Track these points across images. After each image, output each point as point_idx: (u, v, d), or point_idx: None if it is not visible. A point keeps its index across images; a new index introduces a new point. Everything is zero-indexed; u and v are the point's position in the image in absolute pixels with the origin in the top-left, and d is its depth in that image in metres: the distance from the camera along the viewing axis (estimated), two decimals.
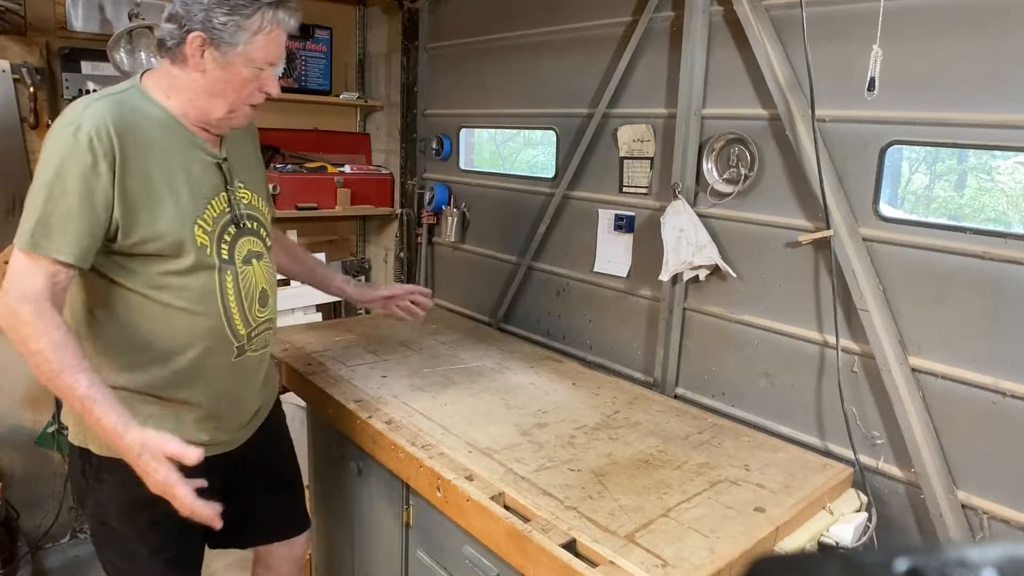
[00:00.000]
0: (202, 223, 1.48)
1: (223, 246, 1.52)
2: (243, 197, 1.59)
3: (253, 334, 1.61)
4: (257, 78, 1.45)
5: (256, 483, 1.77)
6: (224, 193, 1.53)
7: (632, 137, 2.35)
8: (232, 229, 1.54)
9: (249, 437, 1.71)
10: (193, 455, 1.26)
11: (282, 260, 1.98)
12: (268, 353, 1.71)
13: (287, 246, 2.05)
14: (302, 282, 2.17)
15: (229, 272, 1.53)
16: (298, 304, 3.40)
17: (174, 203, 1.43)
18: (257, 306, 1.60)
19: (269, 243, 1.67)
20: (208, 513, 1.29)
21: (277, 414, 1.87)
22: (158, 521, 1.52)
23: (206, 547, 1.74)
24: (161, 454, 1.26)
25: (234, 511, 1.61)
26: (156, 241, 1.41)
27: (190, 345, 1.49)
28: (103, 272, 1.42)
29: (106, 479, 1.51)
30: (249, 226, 1.59)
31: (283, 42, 1.47)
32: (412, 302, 2.11)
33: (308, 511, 2.01)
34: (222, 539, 1.72)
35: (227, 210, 1.54)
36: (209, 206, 1.50)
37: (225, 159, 1.55)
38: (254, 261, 1.59)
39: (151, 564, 1.58)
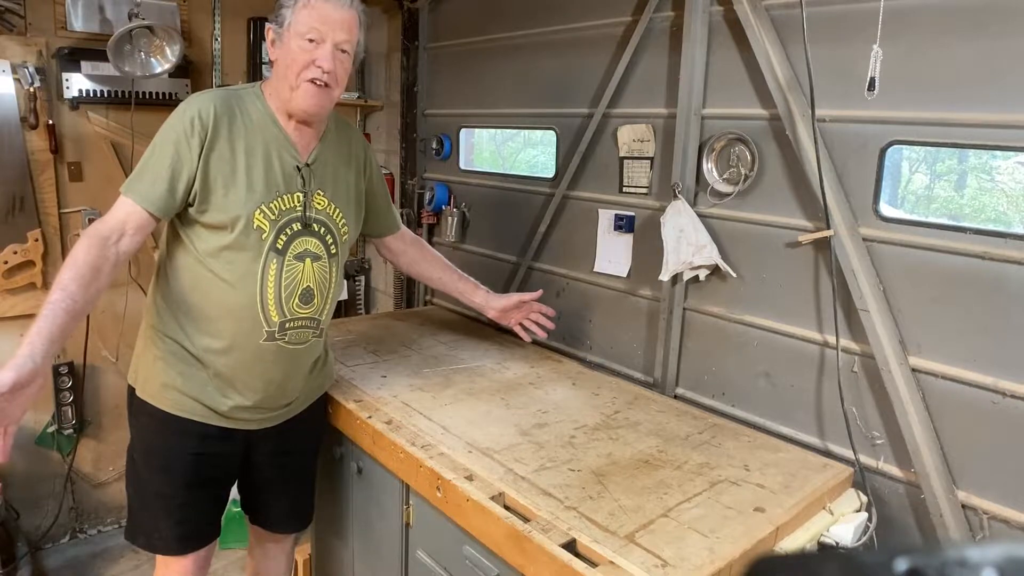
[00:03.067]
0: (266, 210, 1.62)
1: (281, 236, 1.65)
2: (318, 203, 1.72)
3: (288, 325, 1.70)
4: (308, 52, 1.59)
5: (276, 470, 1.90)
6: (299, 193, 1.68)
7: (632, 137, 2.35)
8: (296, 226, 1.68)
9: (279, 424, 1.81)
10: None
11: (425, 269, 2.23)
12: (312, 350, 1.80)
13: (431, 257, 2.25)
14: (447, 292, 2.29)
15: (275, 261, 1.65)
16: None
17: (247, 185, 1.61)
18: (297, 300, 1.70)
19: (334, 251, 1.77)
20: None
21: (316, 412, 1.95)
22: (167, 467, 1.71)
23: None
24: (8, 385, 1.21)
25: (253, 484, 1.93)
26: (220, 213, 1.59)
27: (222, 316, 1.64)
28: (177, 231, 1.65)
29: (139, 418, 1.73)
30: (316, 229, 1.72)
31: (328, 15, 1.59)
32: (537, 320, 2.27)
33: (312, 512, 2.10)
34: (245, 504, 1.99)
35: (298, 207, 1.68)
36: (280, 199, 1.65)
37: (307, 165, 1.70)
38: (308, 260, 1.71)
39: (155, 505, 1.74)
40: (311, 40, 1.59)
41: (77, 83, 2.62)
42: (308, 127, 1.70)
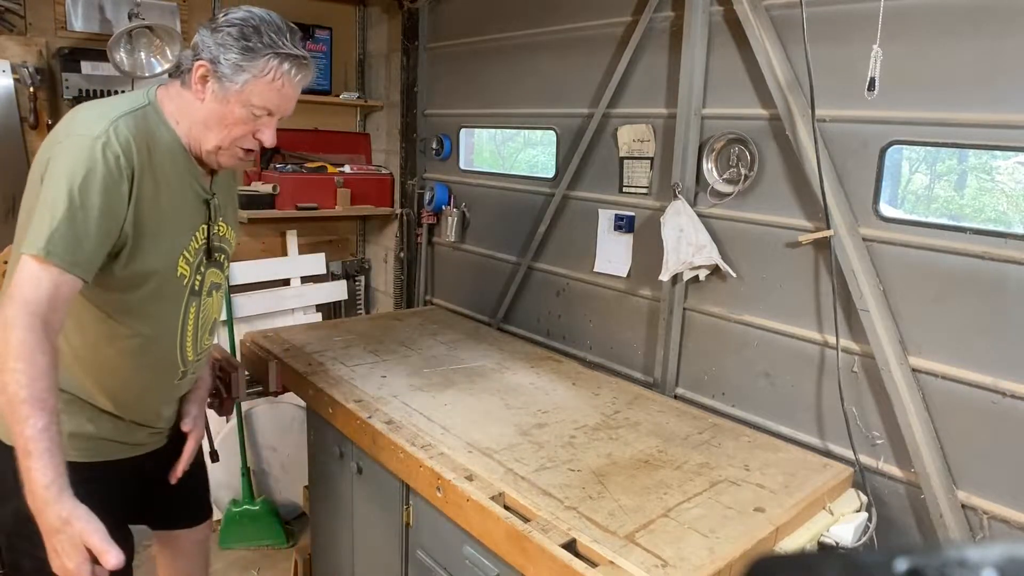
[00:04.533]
0: (187, 254, 1.49)
1: (197, 276, 1.54)
2: (219, 230, 1.60)
3: (196, 360, 1.63)
4: (252, 122, 1.45)
5: (165, 476, 1.73)
6: (204, 226, 1.54)
7: (632, 137, 2.35)
8: (204, 259, 1.55)
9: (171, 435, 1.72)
10: (113, 559, 1.17)
11: None
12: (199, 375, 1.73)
13: None
14: None
15: (195, 304, 1.55)
16: (298, 304, 3.40)
17: (171, 232, 1.45)
18: (207, 335, 1.63)
19: (227, 272, 1.69)
20: None
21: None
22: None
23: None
24: (81, 543, 1.17)
25: (146, 497, 1.72)
26: (144, 265, 1.41)
27: (140, 370, 1.50)
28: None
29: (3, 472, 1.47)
30: (217, 258, 1.61)
31: (288, 95, 1.45)
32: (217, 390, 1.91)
33: (211, 502, 2.00)
34: (137, 519, 1.74)
35: (204, 242, 1.55)
36: (193, 238, 1.51)
37: (214, 195, 1.56)
38: (214, 292, 1.62)
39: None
40: (257, 115, 1.44)
41: (77, 83, 2.62)
42: None
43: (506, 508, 1.48)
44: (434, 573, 1.76)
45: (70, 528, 1.17)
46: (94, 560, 1.19)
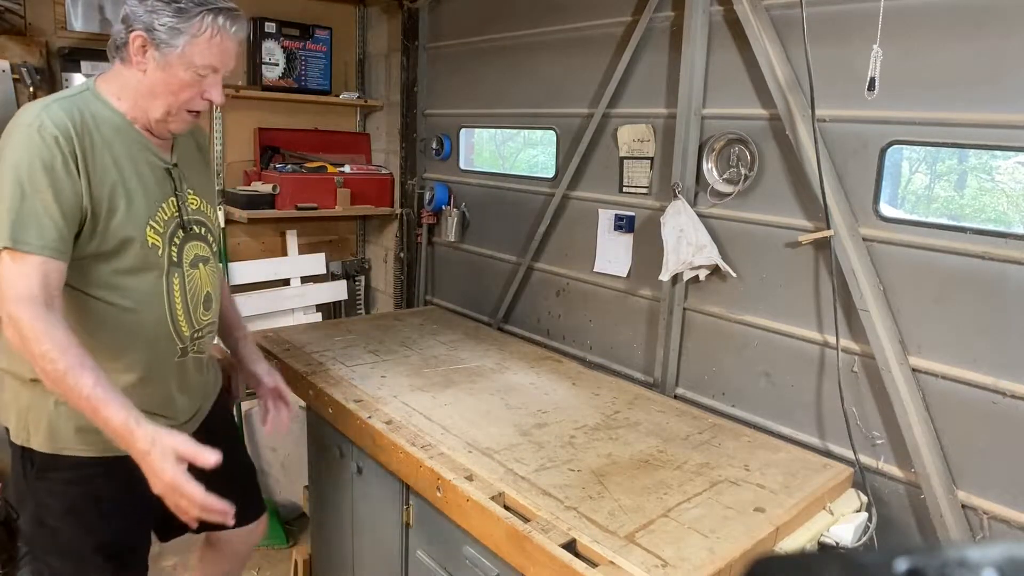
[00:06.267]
0: (154, 224, 1.50)
1: (172, 248, 1.54)
2: (192, 203, 1.61)
3: (196, 336, 1.63)
4: (198, 83, 1.45)
5: (207, 475, 1.75)
6: (173, 198, 1.55)
7: (632, 137, 2.35)
8: (180, 233, 1.57)
9: (195, 430, 1.68)
10: (211, 457, 1.25)
11: None
12: (209, 355, 1.73)
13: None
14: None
15: (176, 275, 1.55)
16: (298, 304, 3.40)
17: (128, 204, 1.45)
18: (202, 309, 1.63)
19: (215, 248, 1.69)
20: (220, 507, 1.28)
21: (223, 408, 1.88)
22: (107, 514, 1.53)
23: (161, 542, 1.74)
24: (172, 454, 1.25)
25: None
26: (110, 238, 1.42)
27: (131, 346, 1.50)
28: None
29: (51, 477, 1.50)
30: (197, 231, 1.62)
31: (228, 49, 1.46)
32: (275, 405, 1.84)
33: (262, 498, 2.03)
34: (174, 530, 1.72)
35: (176, 214, 1.56)
36: (160, 209, 1.52)
37: (175, 164, 1.57)
38: (200, 265, 1.62)
39: (95, 560, 1.55)
40: (203, 75, 1.44)
41: (77, 83, 2.62)
42: None
43: (506, 508, 1.48)
44: (434, 573, 1.76)
45: (157, 446, 1.25)
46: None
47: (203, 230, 1.64)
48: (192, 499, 1.25)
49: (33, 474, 1.50)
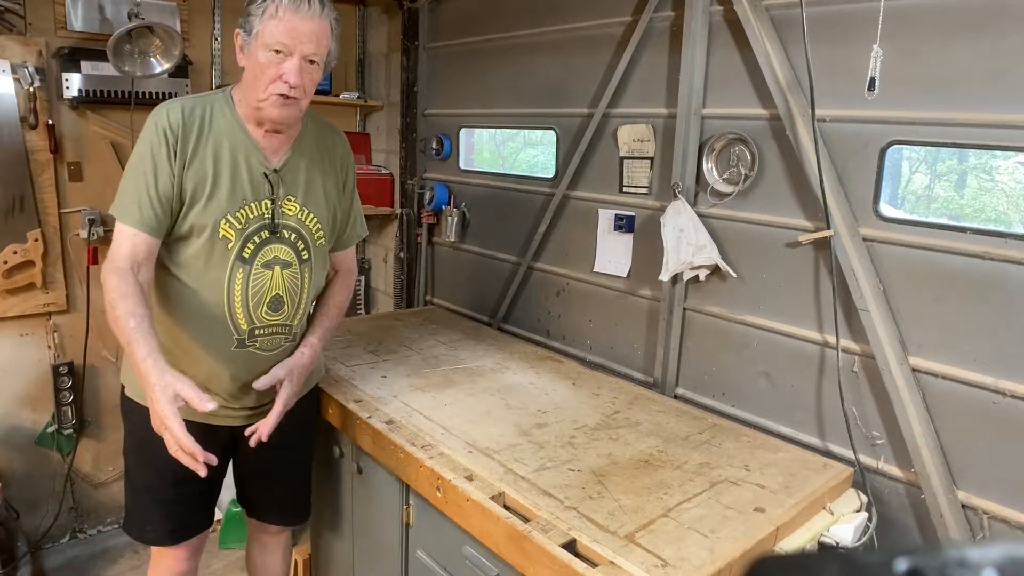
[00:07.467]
0: (232, 219, 1.62)
1: (248, 245, 1.65)
2: (289, 209, 1.70)
3: (258, 332, 1.71)
4: (276, 65, 1.55)
5: (265, 463, 1.90)
6: (268, 201, 1.66)
7: (632, 137, 2.35)
8: (264, 234, 1.67)
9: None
10: (207, 404, 1.39)
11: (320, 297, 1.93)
12: (286, 354, 1.78)
13: (330, 295, 1.94)
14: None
15: (242, 270, 1.65)
16: None
17: (210, 197, 1.60)
18: (266, 308, 1.71)
19: (306, 256, 1.75)
20: (193, 450, 1.39)
21: (305, 408, 1.92)
22: (153, 464, 1.70)
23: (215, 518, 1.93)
24: (172, 391, 1.39)
25: (244, 477, 1.97)
26: (187, 225, 1.60)
27: (191, 321, 1.66)
28: None
29: (129, 416, 1.76)
30: (286, 236, 1.70)
31: (296, 27, 1.53)
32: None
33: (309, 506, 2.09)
34: (240, 497, 2.02)
35: (266, 215, 1.67)
36: (247, 207, 1.64)
37: (276, 171, 1.67)
38: (277, 268, 1.70)
39: (142, 498, 1.79)
40: (278, 52, 1.53)
41: (77, 83, 2.61)
42: (279, 133, 1.68)
43: (506, 508, 1.48)
44: (434, 573, 1.76)
45: (160, 382, 1.40)
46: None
47: (294, 236, 1.72)
48: (173, 433, 1.39)
49: (123, 410, 1.79)
